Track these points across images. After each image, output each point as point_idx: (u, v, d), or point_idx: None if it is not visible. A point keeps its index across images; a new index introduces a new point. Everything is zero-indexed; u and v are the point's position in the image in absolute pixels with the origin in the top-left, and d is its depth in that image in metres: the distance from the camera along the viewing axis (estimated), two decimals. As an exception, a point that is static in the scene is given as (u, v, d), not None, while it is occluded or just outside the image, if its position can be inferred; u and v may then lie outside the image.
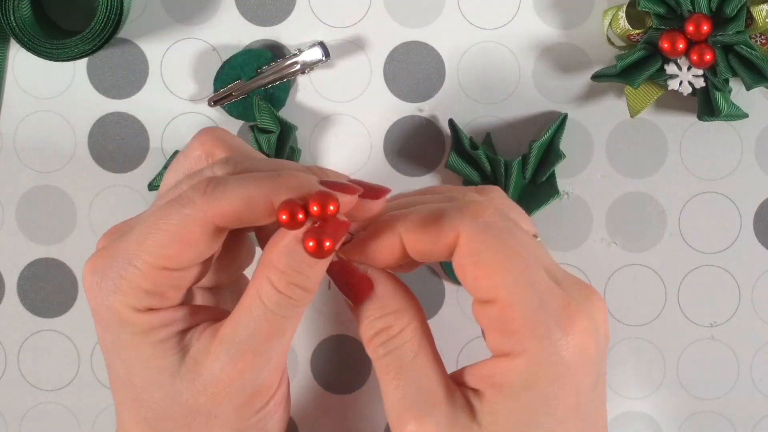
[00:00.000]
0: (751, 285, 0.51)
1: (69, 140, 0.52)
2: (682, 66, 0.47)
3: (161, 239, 0.34)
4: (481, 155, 0.48)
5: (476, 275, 0.34)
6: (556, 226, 0.51)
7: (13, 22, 0.49)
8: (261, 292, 0.34)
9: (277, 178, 0.34)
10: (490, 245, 0.34)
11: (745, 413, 0.52)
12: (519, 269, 0.33)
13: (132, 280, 0.34)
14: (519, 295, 0.33)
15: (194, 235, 0.34)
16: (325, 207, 0.33)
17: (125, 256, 0.35)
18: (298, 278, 0.34)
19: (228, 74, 0.51)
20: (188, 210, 0.34)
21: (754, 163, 0.50)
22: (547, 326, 0.33)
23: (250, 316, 0.34)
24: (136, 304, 0.35)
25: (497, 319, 0.34)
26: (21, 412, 0.54)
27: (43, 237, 0.53)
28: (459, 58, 0.50)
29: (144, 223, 0.35)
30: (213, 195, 0.34)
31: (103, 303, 0.35)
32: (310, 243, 0.33)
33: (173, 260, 0.34)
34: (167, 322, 0.35)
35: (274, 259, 0.34)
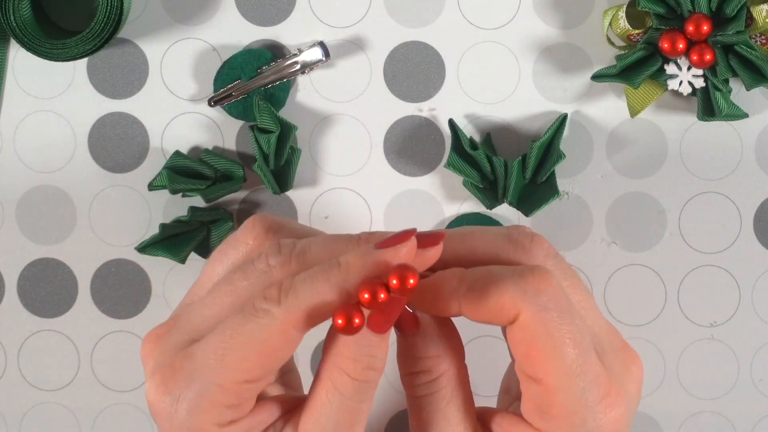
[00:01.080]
0: (751, 285, 0.51)
1: (69, 140, 0.52)
2: (682, 66, 0.47)
3: (242, 353, 0.33)
4: (481, 155, 0.48)
5: (529, 354, 0.34)
6: (556, 226, 0.51)
7: (13, 22, 0.49)
8: (336, 383, 0.34)
9: (341, 267, 0.33)
10: (548, 330, 0.34)
11: (745, 413, 0.52)
12: (570, 358, 0.34)
13: (215, 398, 0.34)
14: (565, 385, 0.34)
15: (276, 345, 0.33)
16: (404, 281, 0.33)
17: (203, 374, 0.34)
18: (372, 361, 0.34)
19: (228, 74, 0.51)
20: (266, 321, 0.33)
21: (754, 163, 0.50)
22: (584, 418, 0.34)
23: (331, 408, 0.34)
24: (220, 420, 0.34)
25: (538, 397, 0.34)
26: (21, 412, 0.54)
27: (43, 237, 0.53)
28: (459, 58, 0.50)
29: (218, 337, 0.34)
30: (287, 303, 0.33)
31: (182, 425, 0.34)
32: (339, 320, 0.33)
33: (256, 373, 0.34)
34: (249, 428, 0.35)
35: (343, 350, 0.34)
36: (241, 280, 0.35)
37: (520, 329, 0.34)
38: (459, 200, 0.51)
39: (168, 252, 0.51)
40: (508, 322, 0.34)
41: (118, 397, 0.54)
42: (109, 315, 0.53)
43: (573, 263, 0.51)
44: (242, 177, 0.51)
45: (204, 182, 0.51)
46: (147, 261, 0.53)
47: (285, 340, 0.33)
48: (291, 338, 0.34)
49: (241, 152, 0.52)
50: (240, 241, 0.37)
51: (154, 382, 0.34)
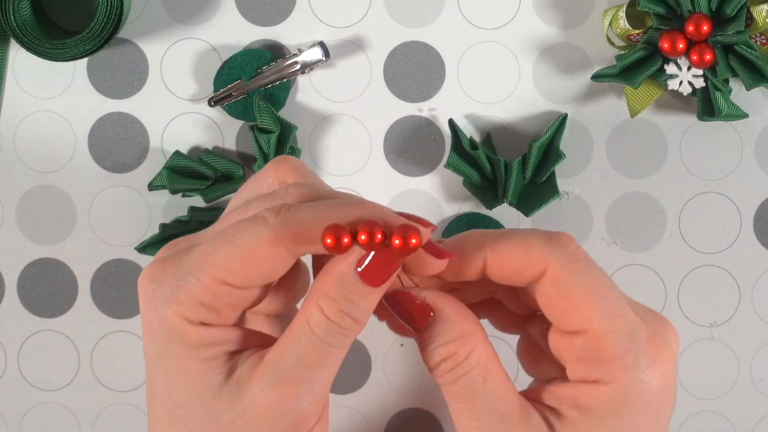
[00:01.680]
0: (751, 285, 0.51)
1: (69, 140, 0.52)
2: (682, 66, 0.47)
3: (229, 253, 0.33)
4: (481, 155, 0.48)
5: (564, 307, 0.34)
6: (556, 226, 0.51)
7: (13, 22, 0.49)
8: (310, 318, 0.34)
9: (354, 205, 0.34)
10: (580, 277, 0.34)
11: (745, 413, 0.52)
12: (609, 301, 0.34)
13: (191, 290, 0.34)
14: (610, 326, 0.34)
15: (263, 253, 0.33)
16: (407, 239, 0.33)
17: (188, 267, 0.34)
18: (349, 307, 0.34)
19: (228, 74, 0.51)
20: (260, 228, 0.33)
21: (754, 163, 0.50)
22: (636, 356, 0.34)
23: (298, 341, 0.34)
24: (190, 315, 0.34)
25: (585, 349, 0.34)
26: (21, 412, 0.54)
27: (43, 237, 0.53)
28: (459, 58, 0.50)
29: (213, 237, 0.34)
30: (287, 216, 0.33)
31: (155, 311, 0.34)
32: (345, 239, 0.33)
33: (237, 277, 0.34)
34: (217, 340, 0.35)
35: (326, 286, 0.34)
36: (259, 202, 0.35)
37: (552, 282, 0.34)
38: (459, 200, 0.51)
39: (168, 252, 0.51)
40: (533, 277, 0.35)
41: (118, 397, 0.54)
42: (109, 315, 0.53)
43: (573, 263, 0.51)
44: (242, 177, 0.51)
45: (204, 182, 0.51)
46: (147, 261, 0.53)
47: (272, 253, 0.33)
48: (279, 254, 0.34)
49: (241, 152, 0.52)
50: (264, 175, 0.37)
51: (148, 268, 0.35)
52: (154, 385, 0.36)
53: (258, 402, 0.34)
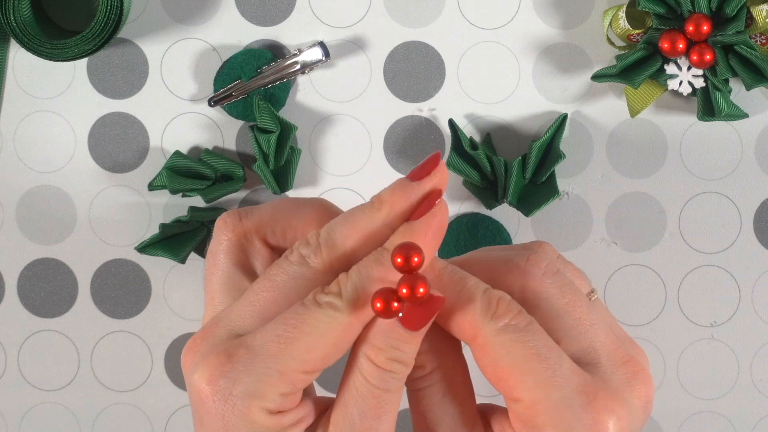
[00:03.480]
0: (751, 285, 0.51)
1: (69, 140, 0.52)
2: (682, 66, 0.47)
3: (307, 344, 0.34)
4: (481, 155, 0.48)
5: (497, 376, 0.35)
6: (556, 226, 0.51)
7: (13, 22, 0.49)
8: (362, 369, 0.34)
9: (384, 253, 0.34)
10: (506, 348, 0.35)
11: (745, 413, 0.52)
12: (538, 370, 0.34)
13: (273, 384, 0.34)
14: (541, 397, 0.34)
15: (341, 337, 0.34)
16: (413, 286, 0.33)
17: (264, 361, 0.34)
18: (396, 353, 0.34)
19: (228, 74, 0.51)
20: (331, 312, 0.34)
21: (754, 163, 0.50)
22: (570, 425, 0.34)
23: (357, 394, 0.35)
24: (272, 407, 0.34)
25: (521, 413, 0.35)
26: (21, 412, 0.54)
27: (43, 237, 0.53)
28: (459, 58, 0.50)
29: (279, 326, 0.34)
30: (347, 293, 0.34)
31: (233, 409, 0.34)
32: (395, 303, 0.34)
33: (316, 364, 0.34)
34: (296, 421, 0.35)
35: (371, 338, 0.34)
36: (279, 274, 0.35)
37: (482, 352, 0.35)
38: (459, 200, 0.51)
39: (168, 252, 0.51)
40: (469, 339, 0.35)
41: (118, 397, 0.54)
42: (109, 315, 0.53)
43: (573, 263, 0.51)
44: (242, 177, 0.51)
45: (204, 182, 0.51)
46: (147, 261, 0.53)
47: (349, 332, 0.34)
48: (355, 330, 0.34)
49: (241, 152, 0.52)
50: (220, 241, 0.37)
51: (207, 366, 0.34)
52: None
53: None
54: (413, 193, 0.36)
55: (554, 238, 0.51)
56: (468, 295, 0.36)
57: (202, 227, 0.51)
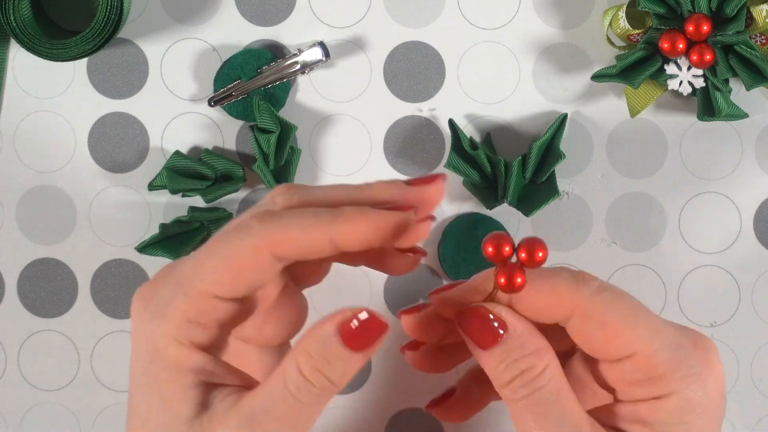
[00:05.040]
0: (751, 285, 0.51)
1: (69, 140, 0.52)
2: (682, 66, 0.47)
3: (215, 265, 0.34)
4: (481, 155, 0.48)
5: (604, 338, 0.35)
6: (556, 226, 0.51)
7: (13, 22, 0.49)
8: (286, 372, 0.34)
9: (337, 214, 0.34)
10: (610, 305, 0.35)
11: (745, 413, 0.52)
12: (646, 320, 0.35)
13: (179, 307, 0.34)
14: (655, 344, 0.35)
15: (248, 260, 0.34)
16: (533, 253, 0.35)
17: (175, 283, 0.34)
18: (326, 367, 0.34)
19: (228, 74, 0.51)
20: (244, 235, 0.34)
21: (754, 163, 0.50)
22: (689, 364, 0.35)
23: (270, 393, 0.34)
24: (178, 334, 0.34)
25: (636, 371, 0.35)
26: (21, 412, 0.54)
27: (43, 237, 0.53)
28: (459, 58, 0.50)
29: (199, 252, 0.35)
30: (270, 221, 0.34)
31: (142, 330, 0.34)
32: (502, 279, 0.35)
33: (224, 287, 0.34)
34: (199, 368, 0.35)
35: (307, 344, 0.34)
36: (246, 214, 0.36)
37: (585, 319, 0.35)
38: (459, 200, 0.51)
39: (168, 252, 0.51)
40: (563, 316, 0.36)
41: (118, 397, 0.54)
42: (109, 315, 0.53)
43: (573, 263, 0.51)
44: (242, 177, 0.51)
45: (204, 182, 0.51)
46: (147, 261, 0.53)
47: (256, 259, 0.34)
48: (263, 259, 0.34)
49: (241, 152, 0.52)
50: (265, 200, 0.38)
51: (139, 289, 0.35)
52: (134, 403, 0.36)
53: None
54: (404, 193, 0.35)
55: (554, 238, 0.51)
56: (552, 276, 0.36)
57: (202, 227, 0.51)
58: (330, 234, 0.34)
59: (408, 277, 0.52)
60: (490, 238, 0.35)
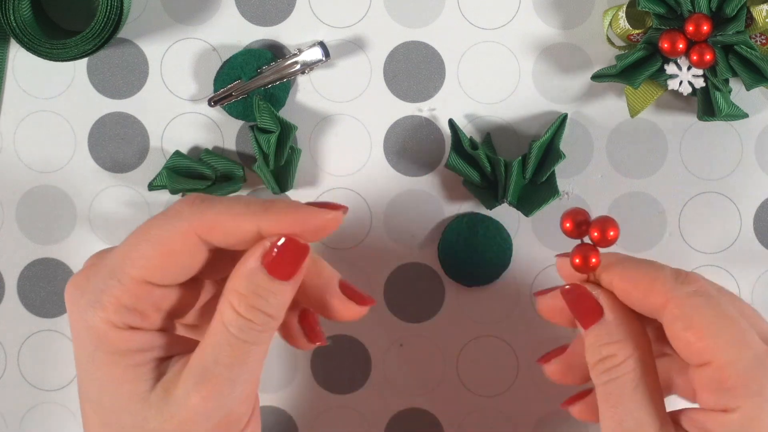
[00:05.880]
0: (751, 285, 0.51)
1: (69, 140, 0.52)
2: (682, 66, 0.47)
3: (145, 250, 0.34)
4: (481, 155, 0.48)
5: (688, 339, 0.35)
6: (556, 226, 0.51)
7: (13, 22, 0.49)
8: (223, 316, 0.34)
9: (268, 206, 0.35)
10: (700, 309, 0.35)
11: (745, 413, 0.51)
12: (730, 330, 0.35)
13: (113, 294, 0.34)
14: (732, 355, 0.34)
15: (179, 246, 0.34)
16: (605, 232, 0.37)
17: (108, 270, 0.34)
18: (260, 302, 0.34)
19: (228, 74, 0.51)
20: (174, 220, 0.34)
21: (754, 163, 0.50)
22: (761, 384, 0.34)
23: (214, 340, 0.34)
24: (116, 320, 0.34)
25: (711, 379, 0.35)
26: (21, 412, 0.54)
27: (43, 237, 0.53)
28: (459, 58, 0.50)
29: (129, 238, 0.35)
30: (200, 206, 0.34)
31: (81, 318, 0.35)
32: (577, 260, 0.37)
33: (156, 273, 0.34)
34: (145, 346, 0.35)
35: (236, 283, 0.34)
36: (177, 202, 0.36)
37: (674, 316, 0.35)
38: (459, 200, 0.51)
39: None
40: (655, 308, 0.36)
41: (118, 397, 0.54)
42: (109, 315, 0.53)
43: (573, 263, 0.51)
44: (242, 177, 0.51)
45: (204, 182, 0.51)
46: (147, 261, 0.53)
47: (187, 244, 0.34)
48: (193, 244, 0.34)
49: (241, 152, 0.52)
50: None
51: (72, 278, 0.35)
52: (84, 390, 0.36)
53: (183, 405, 0.34)
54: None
55: (554, 238, 0.51)
56: (655, 268, 0.37)
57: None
58: (258, 223, 0.34)
59: (408, 278, 0.52)
60: (568, 213, 0.38)
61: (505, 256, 0.51)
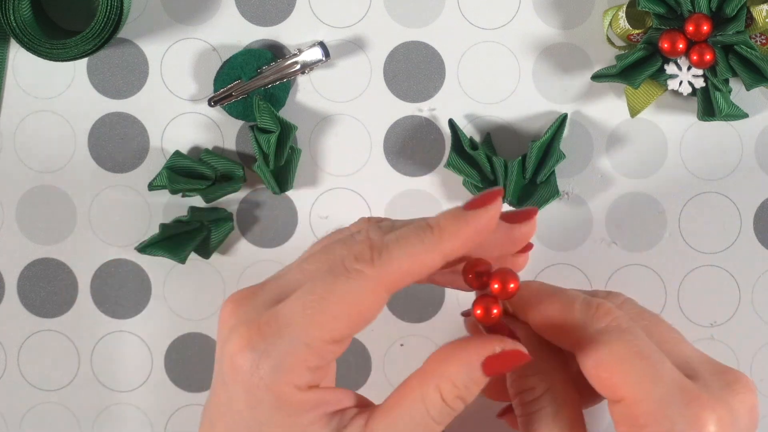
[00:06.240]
0: (751, 285, 0.51)
1: (69, 140, 0.52)
2: (682, 66, 0.47)
3: (332, 314, 0.33)
4: (481, 155, 0.48)
5: (600, 377, 0.35)
6: (556, 226, 0.51)
7: (13, 22, 0.49)
8: (427, 399, 0.34)
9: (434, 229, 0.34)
10: (609, 347, 0.35)
11: (745, 413, 0.51)
12: (641, 367, 0.35)
13: (301, 357, 0.33)
14: (643, 393, 0.34)
15: (367, 306, 0.33)
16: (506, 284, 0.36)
17: (291, 333, 0.33)
18: (467, 394, 0.34)
19: (228, 74, 0.51)
20: (358, 281, 0.33)
21: (754, 163, 0.50)
22: (672, 421, 0.34)
23: (411, 419, 0.34)
24: (300, 381, 0.33)
25: (626, 416, 0.35)
26: (21, 412, 0.54)
27: (43, 237, 0.53)
28: (459, 58, 0.50)
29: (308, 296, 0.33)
30: (380, 262, 0.33)
31: (261, 383, 0.33)
32: (478, 311, 0.35)
33: (343, 333, 0.33)
34: (321, 402, 0.34)
35: (452, 372, 0.34)
36: (339, 248, 0.35)
37: (584, 352, 0.36)
38: (459, 200, 0.51)
39: (168, 252, 0.51)
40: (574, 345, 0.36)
41: (118, 397, 0.54)
42: (109, 315, 0.53)
43: (573, 263, 0.51)
44: (242, 177, 0.51)
45: (204, 182, 0.51)
46: (147, 261, 0.53)
47: (376, 301, 0.33)
48: (381, 299, 0.34)
49: (241, 152, 0.52)
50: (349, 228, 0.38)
51: (239, 336, 0.34)
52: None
53: None
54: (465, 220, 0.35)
55: (554, 238, 0.51)
56: (568, 302, 0.37)
57: (202, 227, 0.51)
58: (441, 254, 0.34)
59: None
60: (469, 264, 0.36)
61: (505, 256, 0.51)
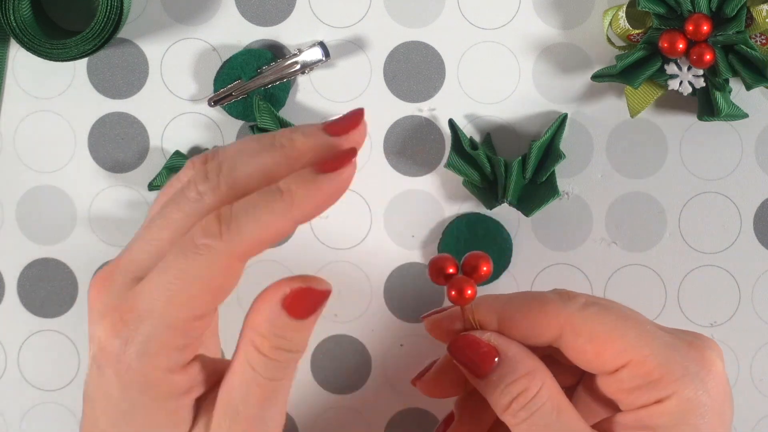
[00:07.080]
0: (751, 285, 0.51)
1: (69, 140, 0.52)
2: (682, 66, 0.47)
3: (190, 293, 0.33)
4: (481, 155, 0.48)
5: (596, 350, 0.36)
6: (556, 226, 0.51)
7: (13, 22, 0.49)
8: (248, 357, 0.34)
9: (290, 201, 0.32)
10: (597, 317, 0.36)
11: (745, 413, 0.51)
12: (634, 328, 0.36)
13: (165, 340, 0.33)
14: (647, 349, 0.35)
15: (222, 280, 0.33)
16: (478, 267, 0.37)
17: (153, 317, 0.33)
18: (283, 342, 0.33)
19: (228, 74, 0.51)
20: (208, 257, 0.32)
21: (754, 163, 0.50)
22: (684, 365, 0.35)
23: (240, 380, 0.34)
24: (169, 364, 0.33)
25: (634, 378, 0.35)
26: (21, 412, 0.54)
27: (43, 237, 0.53)
28: (459, 58, 0.50)
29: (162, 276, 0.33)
30: (229, 235, 0.32)
31: (128, 368, 0.33)
32: (453, 292, 0.36)
33: (205, 307, 0.33)
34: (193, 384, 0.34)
35: (257, 325, 0.33)
36: (174, 212, 0.34)
37: (575, 334, 0.36)
38: (459, 200, 0.51)
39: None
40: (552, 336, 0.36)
41: (118, 397, 0.54)
42: (109, 315, 0.53)
43: (573, 263, 0.51)
44: (242, 177, 0.51)
45: (204, 182, 0.51)
46: (147, 261, 0.53)
47: (231, 273, 0.33)
48: (236, 270, 0.33)
49: (241, 152, 0.52)
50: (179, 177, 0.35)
51: (104, 325, 0.34)
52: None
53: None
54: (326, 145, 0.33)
55: (554, 238, 0.51)
56: (540, 298, 0.37)
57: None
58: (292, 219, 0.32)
59: (408, 278, 0.52)
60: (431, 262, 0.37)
61: (505, 256, 0.51)
